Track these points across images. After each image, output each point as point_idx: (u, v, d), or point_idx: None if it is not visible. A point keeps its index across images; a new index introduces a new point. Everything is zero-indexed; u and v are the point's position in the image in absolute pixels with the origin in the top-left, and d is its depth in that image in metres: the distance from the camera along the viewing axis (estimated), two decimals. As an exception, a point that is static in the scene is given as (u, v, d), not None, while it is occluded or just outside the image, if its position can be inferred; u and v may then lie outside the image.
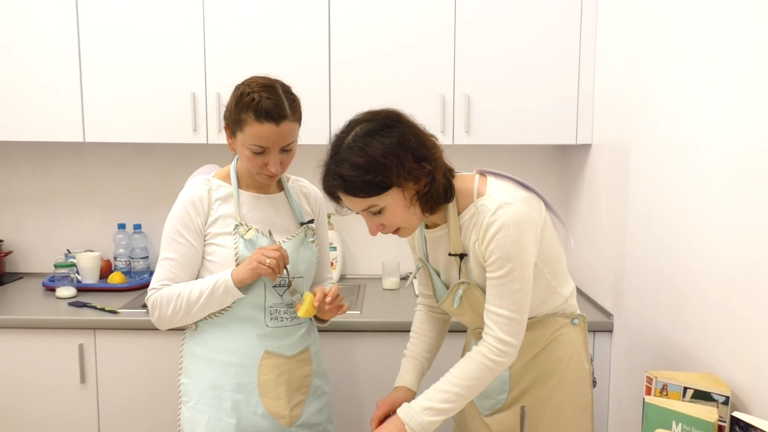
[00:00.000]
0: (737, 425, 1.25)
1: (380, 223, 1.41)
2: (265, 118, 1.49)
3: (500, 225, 1.35)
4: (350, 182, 1.33)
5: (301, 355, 1.68)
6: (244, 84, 1.56)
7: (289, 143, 1.55)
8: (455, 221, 1.45)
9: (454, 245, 1.46)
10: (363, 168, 1.32)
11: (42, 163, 2.82)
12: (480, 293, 1.46)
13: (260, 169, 1.56)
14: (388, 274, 2.64)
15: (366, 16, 2.37)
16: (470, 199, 1.43)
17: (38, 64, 2.40)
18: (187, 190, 1.64)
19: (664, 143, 1.80)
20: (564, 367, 1.57)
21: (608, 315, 2.24)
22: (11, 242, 2.84)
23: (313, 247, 1.71)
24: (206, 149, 2.69)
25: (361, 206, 1.38)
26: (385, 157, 1.32)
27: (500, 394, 1.59)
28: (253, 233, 1.59)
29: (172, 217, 1.62)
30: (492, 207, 1.37)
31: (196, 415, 1.62)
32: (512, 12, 2.35)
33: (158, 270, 1.61)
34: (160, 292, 1.59)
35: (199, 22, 2.38)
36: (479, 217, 1.39)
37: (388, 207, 1.37)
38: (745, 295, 1.40)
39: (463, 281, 1.47)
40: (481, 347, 1.41)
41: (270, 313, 1.62)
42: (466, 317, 1.56)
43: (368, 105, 1.46)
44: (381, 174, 1.32)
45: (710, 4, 1.55)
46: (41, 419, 2.28)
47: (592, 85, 2.38)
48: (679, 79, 1.71)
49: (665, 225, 1.79)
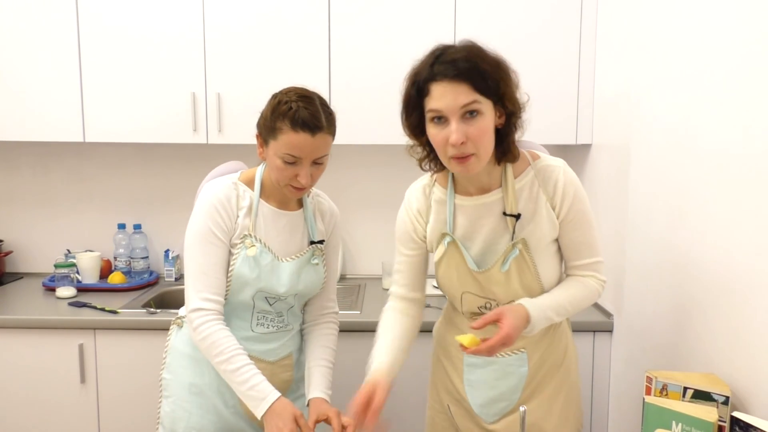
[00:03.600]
0: (737, 425, 1.25)
1: (466, 134, 1.32)
2: (301, 128, 1.45)
3: (576, 184, 1.47)
4: (471, 66, 1.32)
5: (284, 361, 1.66)
6: (281, 93, 1.52)
7: (322, 156, 1.50)
8: (513, 182, 1.47)
9: (512, 205, 1.46)
10: (484, 60, 1.34)
11: (42, 163, 2.83)
12: (530, 258, 1.47)
13: (289, 181, 1.50)
14: (388, 274, 2.64)
15: (366, 15, 2.37)
16: (525, 162, 1.48)
17: (38, 64, 2.40)
18: (216, 191, 1.55)
19: (664, 143, 1.80)
20: (566, 353, 1.60)
21: (608, 315, 2.24)
22: (11, 242, 2.84)
23: (318, 268, 1.64)
24: (206, 149, 2.69)
25: (466, 98, 1.32)
26: (503, 65, 1.38)
27: (514, 393, 1.56)
28: (256, 251, 1.54)
29: (201, 217, 1.53)
30: (561, 167, 1.47)
31: (177, 411, 1.62)
32: (512, 11, 2.35)
33: (198, 278, 1.51)
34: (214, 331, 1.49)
35: (199, 22, 2.38)
36: (546, 177, 1.46)
37: (485, 114, 1.34)
38: (744, 295, 1.40)
39: (518, 241, 1.46)
40: (590, 281, 1.51)
41: (257, 319, 1.61)
42: (501, 288, 1.49)
43: (376, 108, 1.46)
44: (497, 74, 1.35)
45: (710, 5, 1.55)
46: (41, 419, 2.29)
47: (592, 85, 2.38)
48: (679, 79, 1.71)
49: (665, 225, 1.79)
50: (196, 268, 1.52)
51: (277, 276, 1.58)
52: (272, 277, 1.57)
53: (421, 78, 1.35)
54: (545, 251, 1.49)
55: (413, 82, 1.38)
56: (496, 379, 1.56)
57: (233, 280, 1.55)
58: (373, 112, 2.38)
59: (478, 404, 1.59)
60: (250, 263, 1.54)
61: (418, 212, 1.56)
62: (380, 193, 2.79)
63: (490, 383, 1.57)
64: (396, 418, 2.27)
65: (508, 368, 1.55)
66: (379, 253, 2.79)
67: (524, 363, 1.55)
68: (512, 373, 1.55)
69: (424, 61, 1.37)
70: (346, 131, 1.56)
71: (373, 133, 2.38)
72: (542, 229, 1.46)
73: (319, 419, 1.53)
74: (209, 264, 1.52)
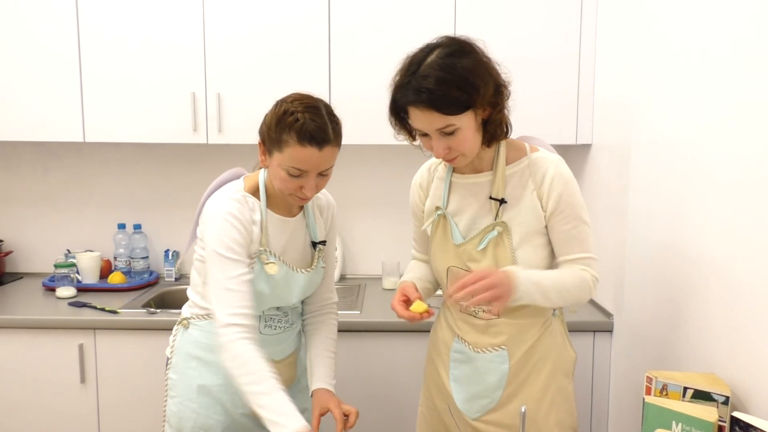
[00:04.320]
0: (737, 425, 1.25)
1: (448, 146, 1.41)
2: (308, 142, 1.41)
3: (567, 179, 1.49)
4: (437, 96, 1.34)
5: (289, 359, 1.67)
6: (286, 102, 1.46)
7: (328, 168, 1.48)
8: (503, 168, 1.51)
9: (498, 190, 1.50)
10: (452, 84, 1.34)
11: (42, 163, 2.82)
12: (509, 242, 1.50)
13: (294, 191, 1.48)
14: (388, 274, 2.64)
15: (366, 15, 2.37)
16: (522, 152, 1.53)
17: (38, 64, 2.40)
18: (228, 206, 1.50)
19: (664, 143, 1.80)
20: (556, 355, 1.59)
21: (608, 315, 2.24)
22: (11, 242, 2.84)
23: (321, 270, 1.67)
24: (206, 149, 2.69)
25: (439, 124, 1.37)
26: (473, 77, 1.36)
27: (496, 391, 1.58)
28: (276, 269, 1.52)
29: (218, 233, 1.47)
30: (554, 161, 1.50)
31: (184, 411, 1.62)
32: (512, 13, 2.35)
33: (223, 294, 1.45)
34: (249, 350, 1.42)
35: (199, 22, 2.38)
36: (537, 168, 1.50)
37: (463, 128, 1.39)
38: (744, 294, 1.40)
39: (498, 223, 1.50)
40: (581, 272, 1.50)
41: (265, 321, 1.60)
42: (478, 266, 1.52)
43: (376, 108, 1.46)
44: (467, 92, 1.35)
45: (710, 5, 1.55)
46: (41, 419, 2.29)
47: (592, 85, 2.38)
48: (679, 79, 1.71)
49: (665, 225, 1.79)
50: (219, 285, 1.46)
51: (290, 288, 1.59)
52: (286, 289, 1.58)
53: (398, 101, 1.42)
54: (527, 239, 1.51)
55: (393, 100, 1.44)
56: (478, 375, 1.59)
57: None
58: (373, 111, 2.35)
59: (461, 399, 1.61)
60: (267, 280, 1.53)
61: (420, 186, 1.66)
62: (380, 193, 2.79)
63: (472, 378, 1.59)
64: (394, 415, 2.27)
65: (489, 365, 1.57)
66: (379, 253, 2.79)
67: (505, 360, 1.56)
68: (493, 369, 1.57)
69: (401, 79, 1.41)
70: (347, 131, 1.56)
71: (373, 133, 2.36)
72: (524, 215, 1.50)
73: (323, 413, 1.54)
74: (231, 279, 1.46)
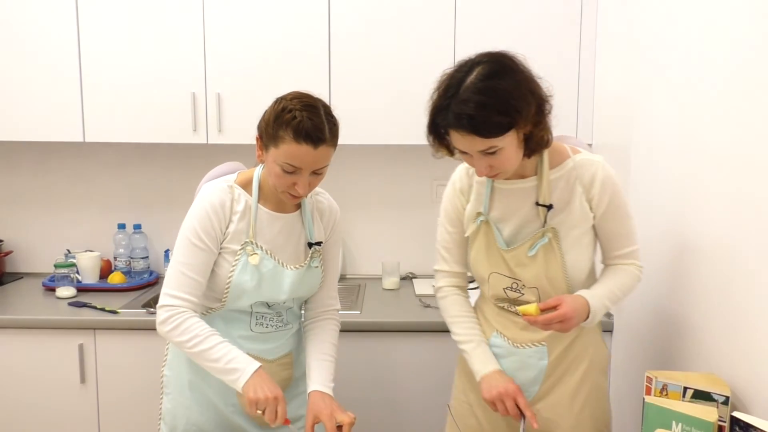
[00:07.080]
0: (737, 425, 1.25)
1: (489, 165, 1.40)
2: (304, 140, 1.42)
3: (614, 180, 1.51)
4: (479, 122, 1.32)
5: (283, 359, 1.66)
6: (286, 99, 1.48)
7: (322, 167, 1.49)
8: (548, 173, 1.51)
9: (545, 195, 1.50)
10: (493, 108, 1.32)
11: (42, 163, 2.82)
12: (558, 248, 1.50)
13: (287, 188, 1.49)
14: (388, 274, 2.64)
15: (366, 15, 2.37)
16: (565, 155, 1.53)
17: (38, 64, 2.40)
18: (210, 195, 1.54)
19: (664, 143, 1.80)
20: (593, 352, 1.60)
21: (608, 315, 2.24)
22: (11, 242, 2.84)
23: (317, 271, 1.64)
24: (206, 149, 2.69)
25: (481, 147, 1.36)
26: (515, 99, 1.33)
27: (533, 386, 1.58)
28: (258, 259, 1.53)
29: (192, 219, 1.53)
30: (601, 162, 1.52)
31: (178, 408, 1.63)
32: (512, 13, 2.35)
33: (176, 276, 1.51)
34: (185, 319, 1.47)
35: (199, 22, 2.38)
36: (584, 171, 1.50)
37: (505, 148, 1.37)
38: (744, 295, 1.40)
39: (548, 229, 1.50)
40: (631, 268, 1.57)
41: (256, 319, 1.60)
42: (527, 271, 1.53)
43: (376, 108, 1.46)
44: (510, 115, 1.33)
45: (710, 5, 1.55)
46: (41, 419, 2.29)
47: (592, 85, 2.38)
48: (679, 78, 1.71)
49: (665, 225, 1.79)
50: (176, 268, 1.51)
51: (279, 283, 1.57)
52: (273, 284, 1.57)
53: (438, 124, 1.40)
54: (575, 242, 1.51)
55: (433, 123, 1.41)
56: (516, 370, 1.58)
57: (232, 289, 1.54)
58: (373, 112, 2.38)
59: None
60: (252, 271, 1.53)
61: (460, 191, 1.62)
62: (380, 193, 2.79)
63: (510, 373, 1.58)
64: (394, 415, 2.27)
65: (528, 360, 1.58)
66: (379, 253, 2.79)
67: (544, 356, 1.57)
68: (532, 365, 1.57)
69: (440, 101, 1.38)
70: (346, 131, 1.56)
71: (373, 133, 2.38)
72: (573, 219, 1.50)
73: (316, 421, 1.51)
74: (189, 265, 1.51)
